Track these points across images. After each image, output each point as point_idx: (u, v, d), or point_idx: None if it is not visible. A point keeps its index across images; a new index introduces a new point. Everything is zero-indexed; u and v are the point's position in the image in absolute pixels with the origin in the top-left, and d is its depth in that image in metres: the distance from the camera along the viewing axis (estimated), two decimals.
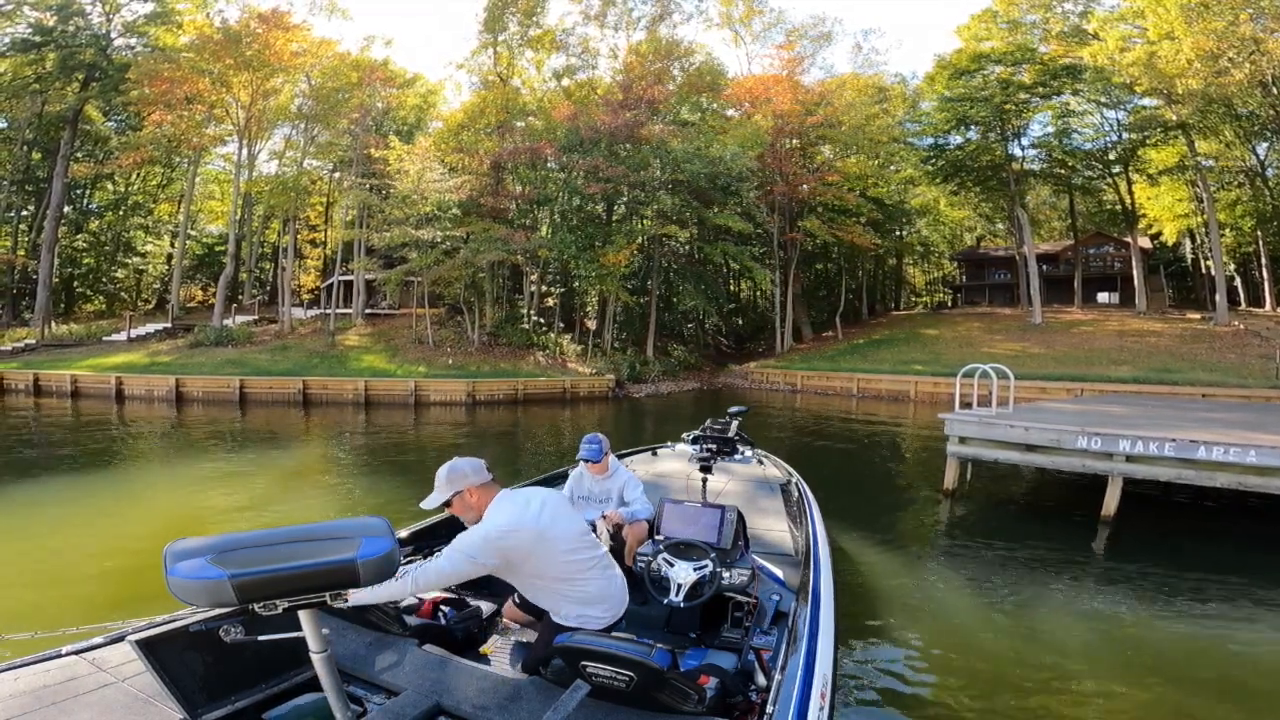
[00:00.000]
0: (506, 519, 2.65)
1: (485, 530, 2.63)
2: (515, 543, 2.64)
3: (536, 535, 2.67)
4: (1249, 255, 38.78)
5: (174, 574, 1.64)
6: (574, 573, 2.80)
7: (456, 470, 2.74)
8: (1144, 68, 25.39)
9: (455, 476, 2.73)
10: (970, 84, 34.85)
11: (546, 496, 2.82)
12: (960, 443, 9.21)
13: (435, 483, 2.75)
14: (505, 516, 2.66)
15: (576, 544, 2.83)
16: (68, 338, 28.61)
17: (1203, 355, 24.93)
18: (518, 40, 32.94)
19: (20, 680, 2.27)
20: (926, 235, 52.45)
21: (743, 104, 35.91)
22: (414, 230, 26.08)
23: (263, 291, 41.67)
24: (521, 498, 2.77)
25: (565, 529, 2.79)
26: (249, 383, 22.08)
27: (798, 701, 2.47)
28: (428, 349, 27.19)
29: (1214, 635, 5.44)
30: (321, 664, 1.90)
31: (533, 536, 2.67)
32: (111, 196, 41.53)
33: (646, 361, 30.57)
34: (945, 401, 21.18)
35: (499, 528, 2.62)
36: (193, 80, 27.37)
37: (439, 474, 2.75)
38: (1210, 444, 7.35)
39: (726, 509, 4.05)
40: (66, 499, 9.35)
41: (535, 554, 2.70)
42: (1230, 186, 35.49)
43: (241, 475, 11.36)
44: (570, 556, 2.78)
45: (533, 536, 2.67)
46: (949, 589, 6.64)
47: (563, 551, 2.76)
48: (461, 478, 2.72)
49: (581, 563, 2.81)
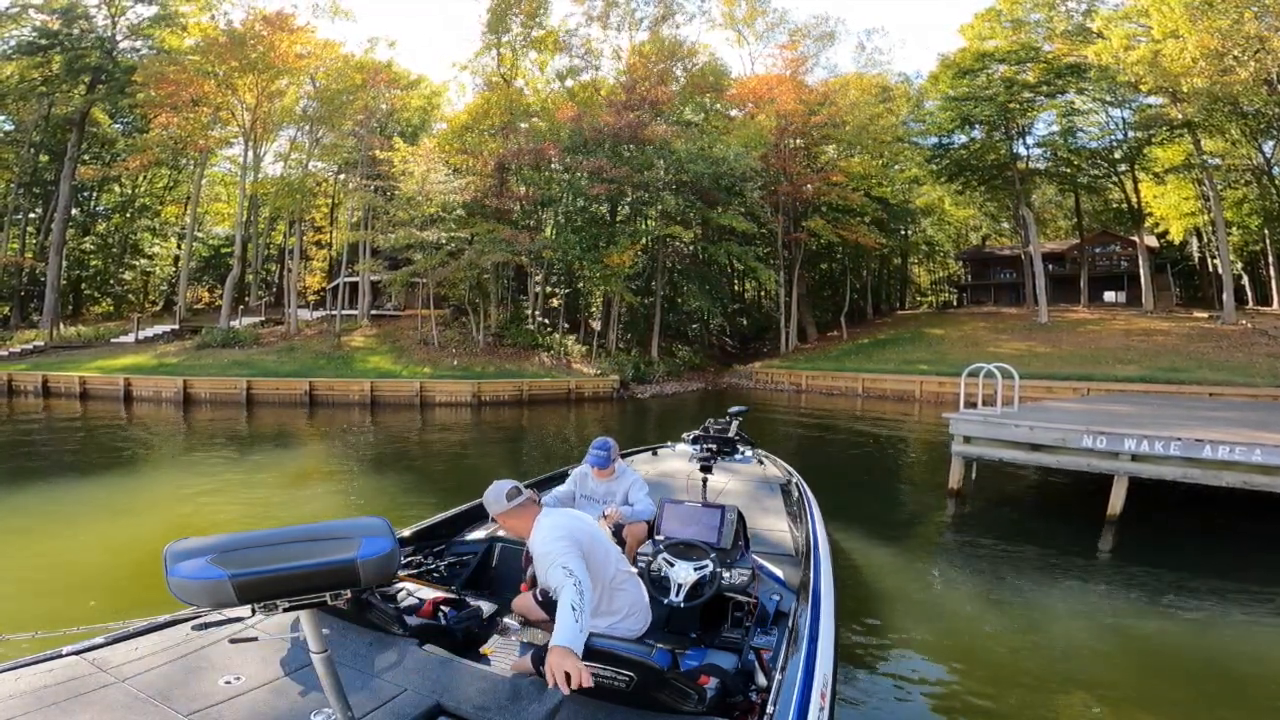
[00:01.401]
0: (555, 522, 2.79)
1: (542, 535, 2.73)
2: (579, 536, 2.73)
3: (590, 537, 2.81)
4: (1256, 254, 38.55)
5: (174, 574, 1.64)
6: (619, 583, 2.93)
7: (487, 499, 2.90)
8: (1149, 66, 25.25)
9: (487, 503, 2.90)
10: (974, 83, 34.71)
11: (583, 514, 3.04)
12: (965, 442, 9.19)
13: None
14: (554, 520, 2.80)
15: (618, 557, 3.01)
16: (76, 340, 28.78)
17: (1210, 354, 24.79)
18: (521, 41, 32.96)
19: (21, 680, 2.29)
20: (931, 235, 52.27)
21: (746, 104, 35.87)
22: (419, 232, 26.15)
23: (269, 293, 41.80)
24: (563, 511, 2.95)
25: (606, 540, 2.98)
26: (256, 384, 22.17)
27: (798, 701, 2.47)
28: (433, 350, 27.25)
29: (1220, 636, 5.41)
30: (321, 664, 1.90)
31: (588, 537, 2.79)
32: (119, 199, 41.74)
33: (651, 362, 30.57)
34: (950, 401, 21.09)
35: (553, 532, 2.71)
36: (198, 82, 27.51)
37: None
38: (1216, 443, 7.31)
39: (726, 509, 4.05)
40: (74, 499, 9.40)
41: (592, 554, 2.77)
42: (1237, 185, 35.22)
43: (248, 476, 11.41)
44: (618, 565, 2.94)
45: (588, 537, 2.79)
46: (951, 588, 6.63)
47: (615, 558, 2.94)
48: (490, 505, 2.89)
49: (624, 574, 2.98)
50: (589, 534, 2.83)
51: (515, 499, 2.84)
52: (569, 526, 2.76)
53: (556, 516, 2.84)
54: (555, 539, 2.67)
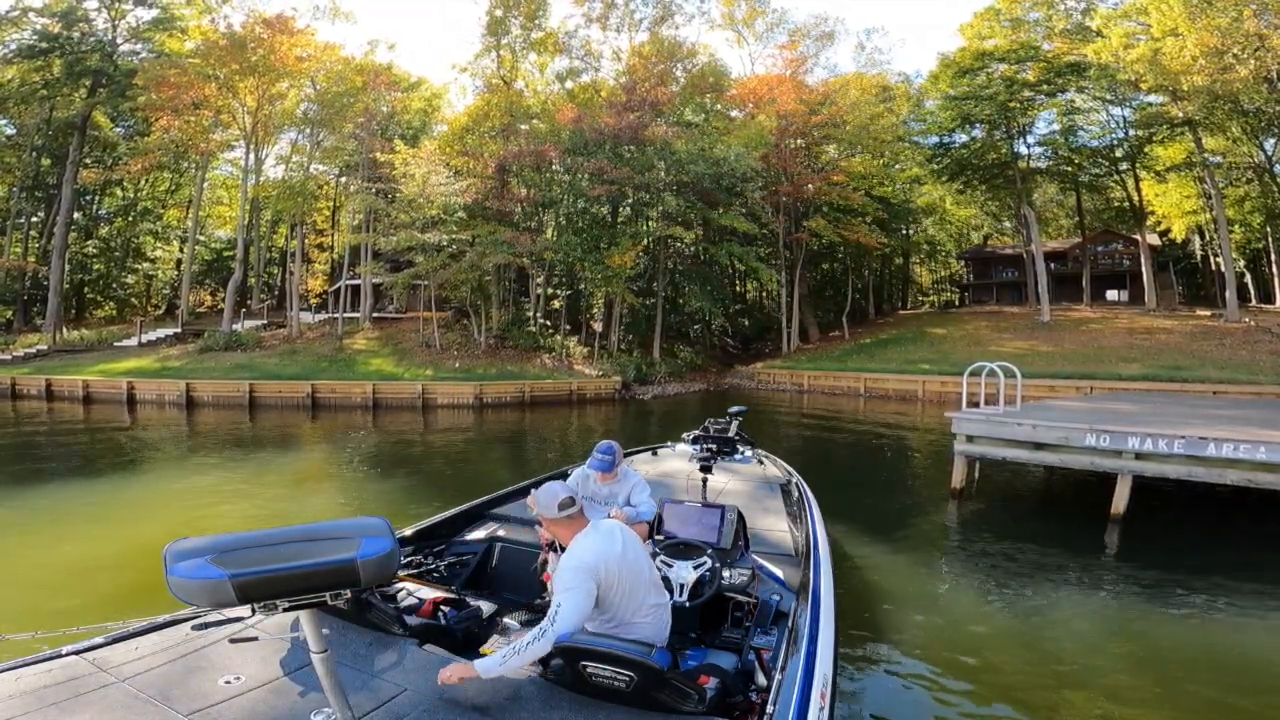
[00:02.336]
0: (588, 545, 2.76)
1: (570, 563, 2.72)
2: (605, 573, 2.72)
3: (618, 565, 2.76)
4: (1259, 251, 38.49)
5: (174, 574, 1.65)
6: (643, 615, 2.86)
7: (539, 500, 2.89)
8: (1149, 64, 25.20)
9: (538, 504, 2.88)
10: (974, 82, 34.67)
11: (628, 536, 2.91)
12: (968, 441, 9.17)
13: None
14: (588, 544, 2.76)
15: (652, 587, 2.94)
16: (79, 343, 28.83)
17: (1213, 352, 24.71)
18: (520, 43, 32.97)
19: (22, 680, 2.29)
20: (933, 234, 52.23)
21: (746, 104, 35.84)
22: (420, 234, 26.16)
23: (271, 296, 41.83)
24: (604, 534, 2.84)
25: (642, 567, 2.90)
26: (258, 387, 22.20)
27: (798, 701, 2.46)
28: (435, 352, 27.27)
29: (1224, 634, 5.39)
30: (321, 664, 1.90)
31: (616, 565, 2.75)
32: (121, 202, 41.83)
33: (653, 363, 30.56)
34: (953, 401, 21.05)
35: (581, 559, 2.70)
36: (199, 85, 27.58)
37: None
38: (1220, 441, 7.29)
39: (726, 509, 4.05)
40: (78, 502, 9.42)
41: (613, 584, 2.76)
42: (1239, 183, 35.16)
43: (251, 478, 11.42)
44: (646, 597, 2.86)
45: (616, 565, 2.75)
46: (953, 588, 6.62)
47: (646, 586, 2.88)
48: (539, 504, 2.88)
49: (649, 608, 2.89)
50: (618, 561, 2.76)
51: (567, 510, 2.82)
52: (598, 553, 2.72)
53: (594, 540, 2.78)
54: (576, 566, 2.67)
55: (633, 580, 2.80)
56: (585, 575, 2.64)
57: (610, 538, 2.81)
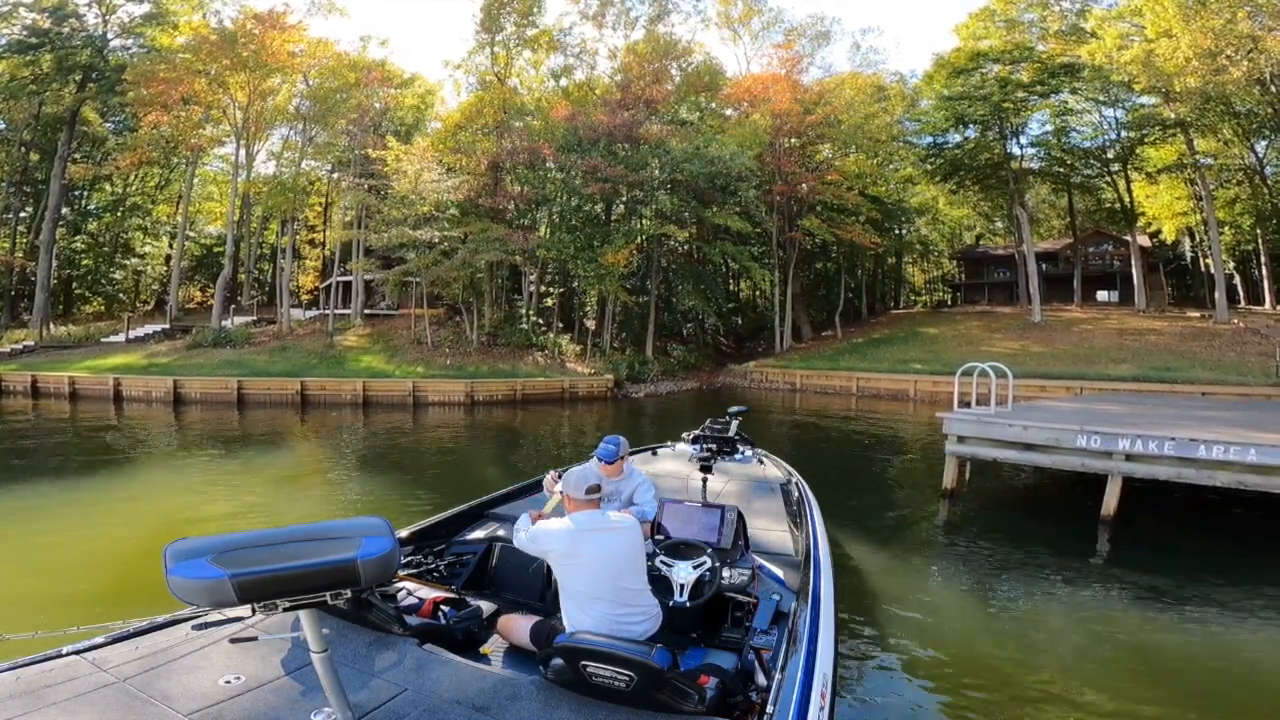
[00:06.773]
0: (555, 527, 3.09)
1: (548, 524, 3.14)
2: (557, 547, 3.02)
3: (572, 549, 2.97)
4: (1248, 253, 38.87)
5: (174, 574, 1.63)
6: (627, 599, 2.99)
7: (569, 478, 3.16)
8: (1142, 66, 25.36)
9: (567, 483, 3.15)
10: (969, 82, 34.87)
11: (628, 534, 3.06)
12: (959, 442, 9.21)
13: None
14: (557, 525, 3.09)
15: (625, 573, 3.01)
16: (66, 339, 28.58)
17: (1202, 353, 24.93)
18: (515, 40, 32.87)
19: (21, 680, 2.27)
20: (926, 234, 52.48)
21: (741, 103, 35.84)
22: (412, 231, 26.05)
23: (261, 292, 41.63)
24: (571, 525, 3.04)
25: (624, 559, 3.01)
26: (247, 384, 22.04)
27: (798, 701, 2.46)
28: (426, 349, 27.18)
29: (1215, 635, 5.44)
30: (321, 664, 1.89)
31: (570, 549, 2.97)
32: (110, 198, 41.49)
33: (646, 361, 30.56)
34: (945, 400, 21.13)
35: (551, 527, 3.09)
36: (189, 81, 27.31)
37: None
38: (1210, 442, 7.34)
39: (726, 509, 4.04)
40: (65, 500, 9.35)
41: (569, 562, 2.98)
42: (1229, 184, 35.50)
43: (240, 476, 11.35)
44: (620, 581, 2.97)
45: (570, 549, 2.97)
46: (948, 588, 6.65)
47: (621, 573, 2.99)
48: (567, 484, 3.15)
49: (631, 592, 3.01)
50: (573, 547, 2.96)
51: (592, 495, 3.11)
52: (556, 538, 3.01)
53: (565, 524, 3.05)
54: (541, 536, 3.08)
55: (609, 566, 2.95)
56: (540, 550, 3.10)
57: (571, 529, 3.00)
